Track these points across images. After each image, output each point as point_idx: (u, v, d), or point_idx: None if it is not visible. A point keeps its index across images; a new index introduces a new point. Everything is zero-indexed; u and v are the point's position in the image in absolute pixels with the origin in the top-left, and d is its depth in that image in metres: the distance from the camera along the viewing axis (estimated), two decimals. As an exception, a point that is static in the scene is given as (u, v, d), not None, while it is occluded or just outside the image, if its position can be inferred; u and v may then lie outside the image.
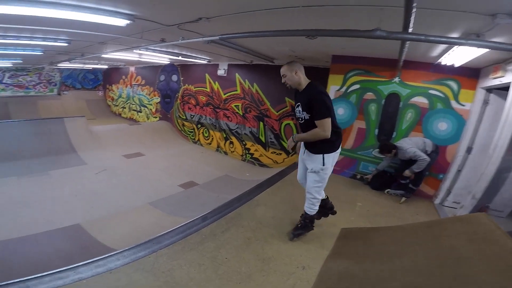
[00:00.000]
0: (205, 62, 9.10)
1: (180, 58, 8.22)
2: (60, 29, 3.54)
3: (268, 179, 4.40)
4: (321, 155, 2.62)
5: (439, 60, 4.15)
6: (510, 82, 3.32)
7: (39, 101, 14.12)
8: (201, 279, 2.27)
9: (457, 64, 4.05)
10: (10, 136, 7.32)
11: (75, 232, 4.36)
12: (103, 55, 7.80)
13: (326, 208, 3.18)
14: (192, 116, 10.64)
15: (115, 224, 4.71)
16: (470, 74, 4.29)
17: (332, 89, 5.49)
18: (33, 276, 2.10)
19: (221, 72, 9.27)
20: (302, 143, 2.82)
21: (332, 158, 2.67)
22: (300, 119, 2.67)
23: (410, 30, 2.45)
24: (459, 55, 3.53)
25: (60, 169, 6.93)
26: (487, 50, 2.94)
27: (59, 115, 9.97)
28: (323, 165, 2.63)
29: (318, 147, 2.62)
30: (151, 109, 12.97)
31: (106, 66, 14.71)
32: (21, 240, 4.01)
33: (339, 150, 2.73)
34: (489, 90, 4.15)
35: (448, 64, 4.07)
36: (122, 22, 3.58)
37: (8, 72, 13.77)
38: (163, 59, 9.69)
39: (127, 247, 2.42)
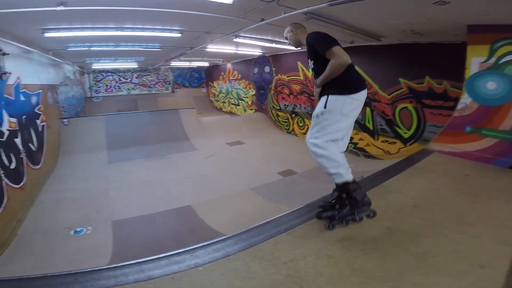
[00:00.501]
0: (297, 49, 8.69)
1: (273, 45, 8.05)
2: (172, 11, 3.70)
3: (394, 165, 3.63)
4: (326, 96, 2.16)
5: None
6: None
7: (158, 98, 16.55)
8: (332, 274, 1.82)
9: None
10: (140, 124, 8.61)
11: (186, 213, 4.61)
12: (207, 48, 8.30)
13: (361, 202, 2.22)
14: (286, 106, 10.40)
15: (221, 207, 4.82)
16: None
17: (475, 62, 4.45)
18: (148, 258, 1.95)
19: (315, 57, 8.70)
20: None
21: (342, 104, 2.11)
22: (313, 74, 2.39)
23: None
24: None
25: (177, 153, 7.73)
26: None
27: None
28: (325, 107, 2.13)
29: (325, 89, 2.20)
30: (247, 102, 13.39)
31: (207, 64, 16.11)
32: (142, 218, 4.43)
33: (358, 97, 2.16)
34: None
35: None
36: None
37: (136, 73, 17.21)
38: (257, 49, 9.79)
39: (234, 231, 2.18)
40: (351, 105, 2.13)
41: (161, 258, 1.97)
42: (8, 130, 4.61)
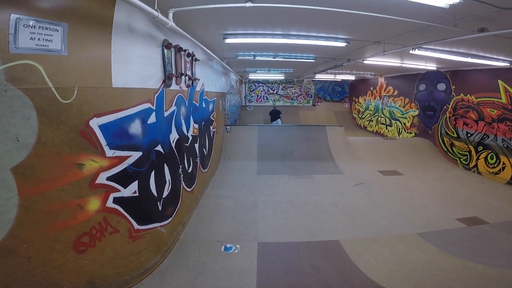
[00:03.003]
0: (500, 65, 6.54)
1: (467, 60, 6.32)
2: (355, 12, 3.13)
3: None
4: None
5: None
6: None
7: (300, 111, 16.80)
8: None
9: None
10: (287, 138, 8.64)
11: (333, 249, 4.04)
12: (365, 61, 7.42)
13: None
14: (469, 135, 8.05)
15: (377, 250, 4.02)
16: None
17: None
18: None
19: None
20: None
21: None
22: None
23: None
24: None
25: (321, 174, 7.22)
26: None
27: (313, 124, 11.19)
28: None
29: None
30: (404, 123, 11.47)
31: (353, 78, 15.07)
32: (285, 246, 4.08)
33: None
34: None
35: None
36: (443, 2, 2.88)
37: (281, 85, 18.15)
38: (431, 63, 8.27)
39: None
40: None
41: None
42: (191, 135, 5.26)
